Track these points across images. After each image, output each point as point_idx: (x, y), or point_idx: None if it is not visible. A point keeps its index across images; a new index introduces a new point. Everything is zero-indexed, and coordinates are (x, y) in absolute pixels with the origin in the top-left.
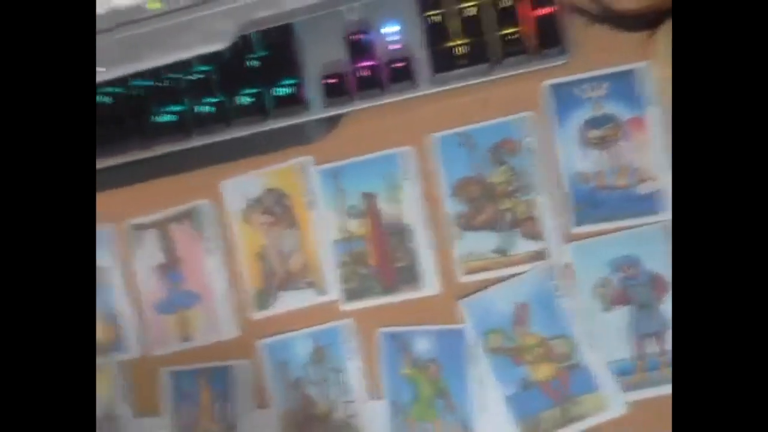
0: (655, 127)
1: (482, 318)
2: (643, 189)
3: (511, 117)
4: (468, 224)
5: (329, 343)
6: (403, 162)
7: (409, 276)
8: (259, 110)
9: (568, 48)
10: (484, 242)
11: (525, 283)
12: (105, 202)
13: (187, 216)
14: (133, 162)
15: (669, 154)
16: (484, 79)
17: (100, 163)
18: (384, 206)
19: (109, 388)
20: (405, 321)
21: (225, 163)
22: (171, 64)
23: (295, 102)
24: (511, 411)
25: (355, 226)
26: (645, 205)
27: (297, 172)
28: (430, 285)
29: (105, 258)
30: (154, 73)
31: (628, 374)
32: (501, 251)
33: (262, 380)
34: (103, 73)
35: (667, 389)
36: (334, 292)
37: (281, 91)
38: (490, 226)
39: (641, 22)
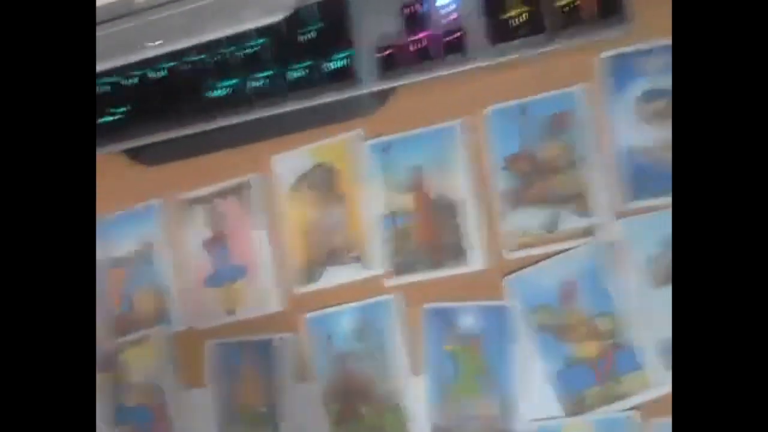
0: None
1: (528, 295)
2: None
3: (566, 90)
4: (517, 200)
5: (373, 318)
6: (454, 136)
7: (455, 251)
8: (312, 84)
9: (627, 17)
10: (533, 218)
11: (573, 259)
12: (156, 176)
13: (237, 190)
14: (185, 137)
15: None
16: (540, 50)
17: (154, 138)
18: (433, 181)
19: (156, 360)
20: (450, 297)
21: (277, 138)
22: (225, 37)
23: (348, 75)
24: (554, 388)
25: (403, 200)
26: None
27: (347, 146)
28: (477, 261)
29: (155, 232)
30: (208, 46)
31: None
32: (550, 227)
33: (305, 354)
34: (158, 47)
35: None
36: (379, 267)
37: (335, 65)
38: (540, 201)
39: None
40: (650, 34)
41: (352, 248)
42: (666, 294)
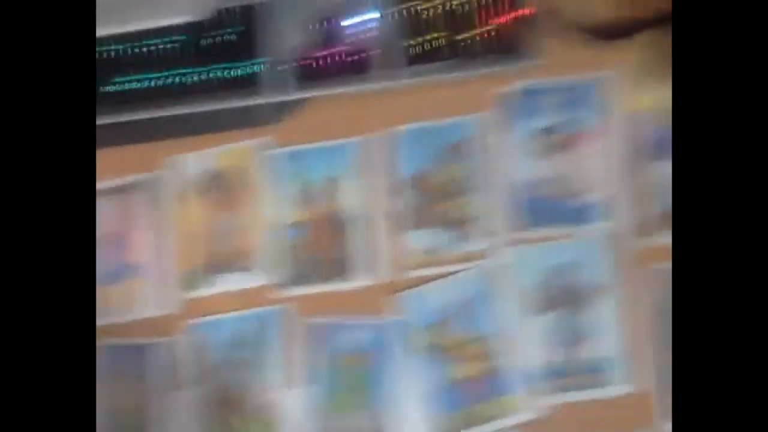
0: (608, 139)
1: (415, 314)
2: (587, 199)
3: (469, 117)
4: (415, 220)
5: (256, 328)
6: (358, 152)
7: (346, 267)
8: (217, 88)
9: (532, 55)
10: (428, 239)
11: (461, 282)
12: None
13: (133, 188)
14: None
15: (618, 166)
16: (454, 76)
17: None
18: (334, 194)
19: None
20: (338, 311)
21: (180, 138)
22: (129, 32)
23: (253, 83)
24: (430, 407)
25: (301, 212)
26: (587, 215)
27: (247, 153)
28: (371, 277)
29: None
30: (121, 39)
31: (546, 378)
32: (444, 249)
33: (182, 361)
34: None
35: (580, 395)
36: (269, 277)
37: (241, 71)
38: (438, 222)
39: (611, 34)
40: (552, 72)
41: (244, 257)
42: (545, 321)
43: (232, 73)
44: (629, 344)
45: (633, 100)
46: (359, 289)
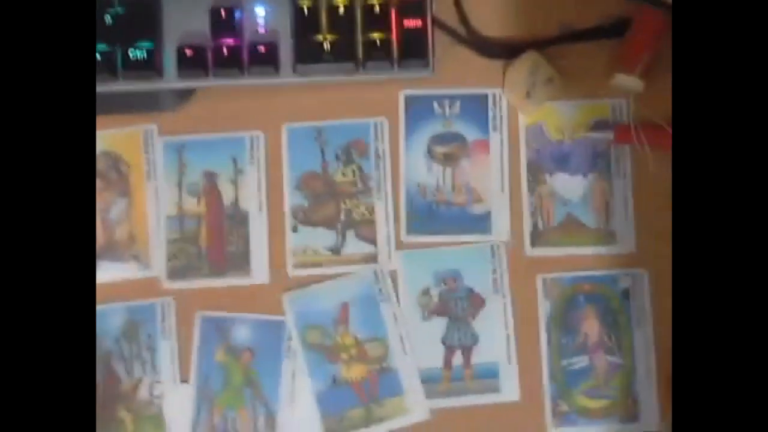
0: (496, 152)
1: (304, 313)
2: (476, 209)
3: (365, 120)
4: (306, 219)
5: (145, 319)
6: (250, 146)
7: (239, 262)
8: (109, 69)
9: (431, 63)
10: (318, 238)
11: (351, 283)
12: None
13: None
14: None
15: (504, 178)
16: (345, 78)
17: None
18: (224, 188)
19: None
20: (227, 307)
21: None
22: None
23: (147, 67)
24: (318, 406)
25: (192, 204)
26: (476, 224)
27: (139, 138)
28: (259, 274)
29: None
30: None
31: (434, 382)
32: (334, 249)
33: None
34: None
35: (468, 400)
36: (158, 268)
37: (135, 53)
38: (327, 223)
39: (501, 50)
40: (448, 81)
41: (131, 245)
42: (432, 326)
43: (130, 54)
44: (518, 351)
45: (522, 115)
46: (252, 286)
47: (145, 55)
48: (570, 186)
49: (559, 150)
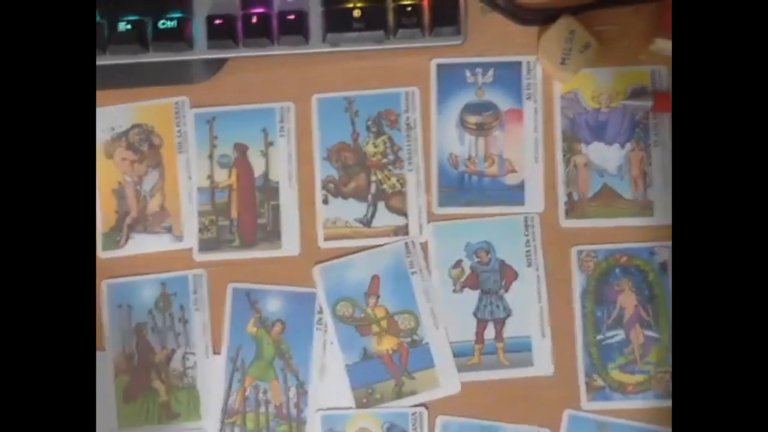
0: (530, 121)
1: (335, 285)
2: (509, 180)
3: (396, 89)
4: (336, 190)
5: (177, 291)
6: (280, 118)
7: (270, 234)
8: (140, 40)
9: (463, 30)
10: (349, 210)
11: (382, 255)
12: None
13: None
14: None
15: (538, 148)
16: (376, 47)
17: None
18: (255, 160)
19: None
20: (259, 279)
21: (97, 91)
22: None
23: (178, 38)
24: (348, 379)
25: (223, 175)
26: (510, 195)
27: (171, 110)
28: (290, 246)
29: None
30: None
31: (466, 356)
32: (365, 221)
33: (101, 320)
34: None
35: (499, 374)
36: (190, 239)
37: (165, 24)
38: (358, 195)
39: (535, 16)
40: (481, 49)
41: (163, 217)
42: (463, 299)
43: (160, 25)
44: (551, 325)
45: (557, 83)
46: (283, 258)
47: (176, 26)
48: (606, 156)
49: (596, 119)
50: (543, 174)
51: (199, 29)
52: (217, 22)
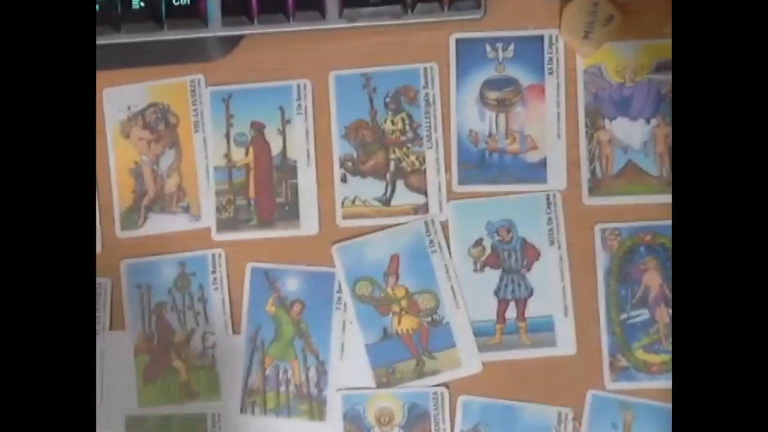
0: (552, 97)
1: (354, 264)
2: (531, 157)
3: (414, 65)
4: (355, 168)
5: (196, 271)
6: (297, 95)
7: (288, 213)
8: (152, 17)
9: (483, 4)
10: (368, 189)
11: (402, 234)
12: None
13: None
14: None
15: (560, 124)
16: (394, 22)
17: None
18: (272, 138)
19: None
20: (277, 258)
21: (111, 70)
22: None
23: (192, 15)
24: (369, 359)
25: (240, 154)
26: (531, 172)
27: (186, 89)
28: (309, 225)
29: None
30: None
31: (487, 335)
32: (384, 200)
33: (121, 301)
34: None
35: (521, 354)
36: (208, 219)
37: (179, 0)
38: (377, 173)
39: None
40: (501, 23)
41: (181, 197)
42: (485, 278)
43: (174, 1)
44: (574, 304)
45: (580, 57)
46: (302, 238)
47: (190, 2)
48: (631, 131)
49: (620, 93)
50: (565, 151)
51: (213, 6)
52: None
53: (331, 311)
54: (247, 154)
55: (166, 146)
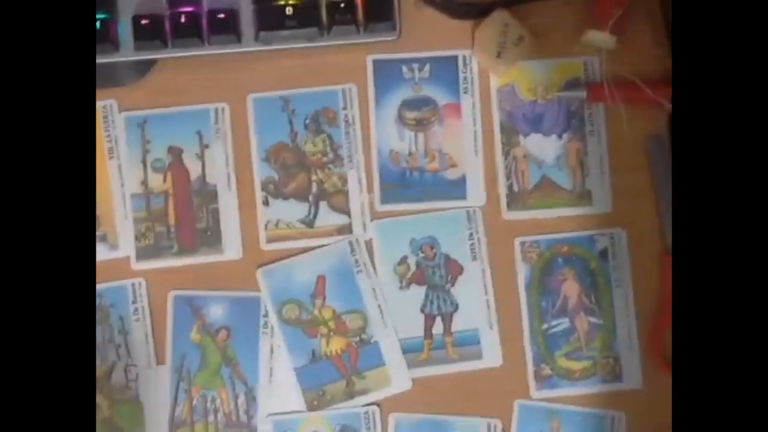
0: (468, 115)
1: (280, 287)
2: (450, 174)
3: (333, 87)
4: (277, 191)
5: (116, 302)
6: (215, 119)
7: (210, 238)
8: None
9: (398, 26)
10: (291, 211)
11: (327, 255)
12: None
13: None
14: None
15: (477, 142)
16: (310, 44)
17: None
18: (190, 163)
19: None
20: (201, 285)
21: None
22: None
23: (102, 39)
24: (298, 382)
25: (158, 180)
26: (451, 189)
27: (99, 115)
28: (232, 249)
29: None
30: None
31: (416, 352)
32: (307, 222)
33: None
34: None
35: (449, 368)
36: (126, 248)
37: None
38: (299, 195)
39: (469, 10)
40: (417, 44)
41: (98, 226)
42: (411, 295)
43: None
44: (498, 316)
45: (493, 76)
46: (225, 263)
47: (100, 27)
48: (544, 147)
49: (532, 111)
50: (483, 167)
51: (125, 30)
52: (144, 22)
53: (257, 336)
54: (165, 179)
55: None
